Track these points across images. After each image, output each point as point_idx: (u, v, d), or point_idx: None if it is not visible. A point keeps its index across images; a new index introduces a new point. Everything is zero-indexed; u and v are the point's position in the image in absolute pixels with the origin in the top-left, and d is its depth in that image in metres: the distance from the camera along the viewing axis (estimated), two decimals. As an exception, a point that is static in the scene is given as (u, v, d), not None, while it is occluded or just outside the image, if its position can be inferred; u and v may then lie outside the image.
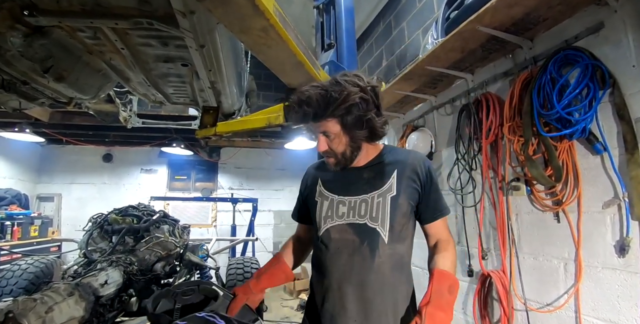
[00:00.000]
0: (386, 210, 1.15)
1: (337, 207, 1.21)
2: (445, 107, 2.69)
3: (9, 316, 1.49)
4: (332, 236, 1.19)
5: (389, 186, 1.18)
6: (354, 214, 1.18)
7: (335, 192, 1.24)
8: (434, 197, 1.21)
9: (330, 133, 1.12)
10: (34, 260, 3.09)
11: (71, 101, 2.51)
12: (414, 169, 1.20)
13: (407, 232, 1.21)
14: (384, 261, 1.14)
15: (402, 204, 1.16)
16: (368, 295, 1.12)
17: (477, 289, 2.23)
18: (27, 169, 6.42)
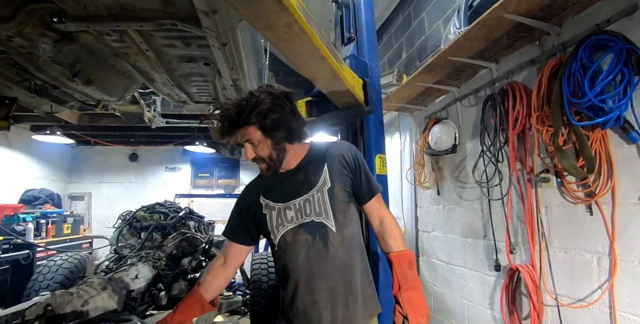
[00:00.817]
0: (326, 202, 1.24)
1: (285, 213, 1.27)
2: (468, 99, 2.63)
3: (48, 308, 1.56)
4: (287, 240, 1.26)
5: (323, 180, 1.27)
6: (302, 215, 1.25)
7: (279, 201, 1.29)
8: (365, 179, 1.31)
9: (253, 139, 1.20)
10: (68, 256, 3.22)
11: (99, 103, 2.60)
12: (340, 158, 1.30)
13: (351, 215, 1.30)
14: (337, 248, 1.23)
15: (338, 193, 1.26)
16: (331, 283, 1.21)
17: (505, 284, 2.18)
18: (59, 169, 6.69)
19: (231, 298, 2.65)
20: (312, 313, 1.21)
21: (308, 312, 1.21)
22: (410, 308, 1.15)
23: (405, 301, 1.16)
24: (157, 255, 2.29)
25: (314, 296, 1.21)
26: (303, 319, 1.23)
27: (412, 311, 1.15)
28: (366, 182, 1.31)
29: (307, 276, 1.22)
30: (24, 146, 5.77)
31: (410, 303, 1.16)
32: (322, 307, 1.20)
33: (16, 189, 5.63)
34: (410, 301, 1.16)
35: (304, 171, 1.30)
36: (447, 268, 2.95)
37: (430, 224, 3.24)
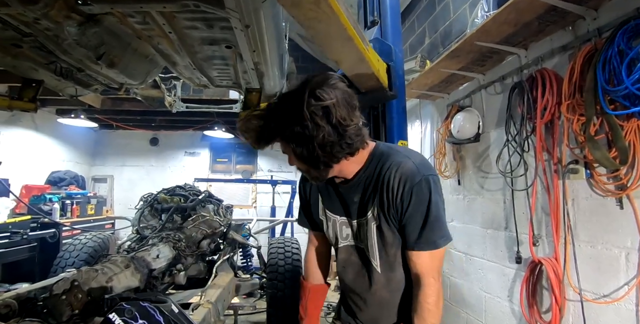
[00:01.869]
0: (373, 240, 1.12)
1: (341, 229, 1.21)
2: (494, 86, 2.54)
3: (74, 284, 1.62)
4: (340, 255, 1.24)
5: (371, 215, 1.10)
6: (355, 238, 1.18)
7: (336, 213, 1.21)
8: (416, 227, 1.04)
9: (286, 152, 1.05)
10: (92, 235, 3.33)
11: (122, 86, 2.63)
12: (392, 195, 1.04)
13: (399, 259, 1.13)
14: (379, 287, 1.16)
15: (387, 234, 1.09)
16: (371, 311, 1.20)
17: (526, 277, 2.14)
18: (83, 152, 6.88)
19: (248, 281, 2.70)
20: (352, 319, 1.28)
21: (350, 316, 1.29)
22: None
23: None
24: (177, 236, 2.34)
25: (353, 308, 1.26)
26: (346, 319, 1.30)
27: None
28: (418, 230, 1.04)
29: (352, 293, 1.24)
30: (50, 129, 5.94)
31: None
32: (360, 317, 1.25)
33: (43, 171, 5.83)
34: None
35: (357, 193, 1.12)
36: (466, 258, 2.91)
37: (449, 214, 3.19)
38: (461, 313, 2.96)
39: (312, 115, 0.91)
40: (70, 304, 1.58)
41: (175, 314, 1.18)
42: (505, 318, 2.41)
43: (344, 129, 0.94)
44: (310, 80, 0.97)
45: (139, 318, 1.11)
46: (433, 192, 1.03)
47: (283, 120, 0.96)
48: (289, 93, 1.00)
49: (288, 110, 0.95)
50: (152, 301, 1.15)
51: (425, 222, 1.03)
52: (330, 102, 0.92)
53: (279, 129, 0.98)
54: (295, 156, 1.01)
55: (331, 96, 0.93)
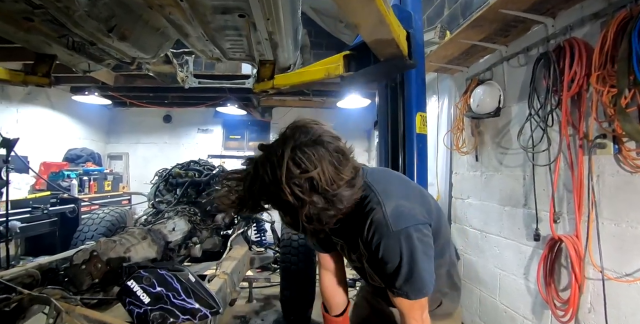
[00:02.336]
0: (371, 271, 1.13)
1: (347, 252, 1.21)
2: (518, 58, 2.42)
3: (93, 254, 1.65)
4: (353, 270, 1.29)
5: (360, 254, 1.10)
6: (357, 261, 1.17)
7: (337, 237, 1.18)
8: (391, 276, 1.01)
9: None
10: (109, 210, 3.40)
11: (134, 60, 2.60)
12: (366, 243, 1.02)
13: None
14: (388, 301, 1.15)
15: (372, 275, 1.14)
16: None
17: (544, 255, 2.10)
18: (98, 130, 6.96)
19: (263, 254, 2.74)
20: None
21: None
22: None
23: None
24: (193, 210, 2.36)
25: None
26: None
27: None
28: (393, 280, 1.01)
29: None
30: (65, 107, 6.00)
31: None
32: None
33: (60, 148, 5.93)
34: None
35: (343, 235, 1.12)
36: (481, 236, 2.88)
37: (465, 191, 3.14)
38: (474, 289, 2.96)
39: (293, 189, 0.82)
40: (90, 273, 1.62)
41: (192, 282, 1.18)
42: (520, 295, 2.39)
43: (334, 194, 0.86)
44: (289, 137, 0.87)
45: (157, 285, 1.12)
46: (405, 247, 0.96)
47: (263, 191, 0.86)
48: (267, 157, 0.87)
49: (267, 182, 0.84)
50: (170, 269, 1.16)
51: (397, 275, 0.99)
52: (315, 172, 0.82)
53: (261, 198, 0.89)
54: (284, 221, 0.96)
55: (315, 162, 0.83)
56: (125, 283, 1.12)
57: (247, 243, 2.76)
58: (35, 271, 1.78)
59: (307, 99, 5.95)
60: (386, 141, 1.85)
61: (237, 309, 3.37)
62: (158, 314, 1.13)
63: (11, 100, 5.09)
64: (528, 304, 2.32)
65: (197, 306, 1.15)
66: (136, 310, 1.13)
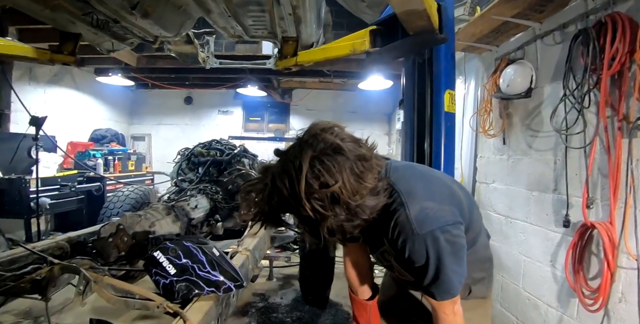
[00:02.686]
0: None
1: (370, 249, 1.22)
2: (553, 35, 2.29)
3: (119, 227, 1.68)
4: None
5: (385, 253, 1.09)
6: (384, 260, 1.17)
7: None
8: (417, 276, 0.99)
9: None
10: (134, 188, 3.48)
11: (156, 39, 2.61)
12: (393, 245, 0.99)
13: None
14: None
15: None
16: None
17: (573, 242, 2.02)
18: (122, 111, 7.10)
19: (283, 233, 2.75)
20: None
21: None
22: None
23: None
24: (214, 189, 2.38)
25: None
26: None
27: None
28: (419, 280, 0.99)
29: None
30: (90, 89, 6.12)
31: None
32: None
33: (86, 128, 6.09)
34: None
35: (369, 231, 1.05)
36: (506, 221, 2.81)
37: (490, 175, 3.05)
38: (496, 276, 2.91)
39: (314, 204, 0.79)
40: (117, 246, 1.66)
41: (216, 256, 1.19)
42: (546, 282, 2.34)
43: (357, 205, 0.82)
44: (307, 145, 0.82)
45: (183, 257, 1.13)
46: (431, 250, 0.92)
47: (283, 205, 0.83)
48: (284, 169, 0.82)
49: (287, 196, 0.81)
50: (194, 242, 1.16)
51: (424, 276, 0.96)
52: (337, 186, 0.78)
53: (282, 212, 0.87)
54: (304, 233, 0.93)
55: (336, 174, 0.79)
56: (152, 253, 1.14)
57: (267, 223, 2.78)
58: (65, 243, 1.85)
59: (328, 81, 5.87)
60: (412, 121, 1.79)
61: (257, 287, 3.44)
62: (184, 285, 1.14)
63: (39, 81, 5.22)
64: (553, 292, 2.27)
65: (222, 279, 1.16)
66: (162, 281, 1.14)
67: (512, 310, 2.71)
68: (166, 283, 1.14)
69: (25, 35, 3.89)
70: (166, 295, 1.15)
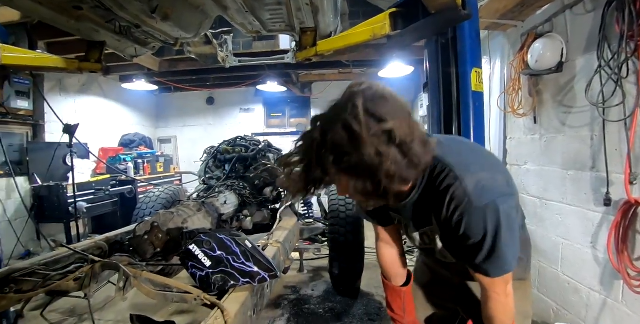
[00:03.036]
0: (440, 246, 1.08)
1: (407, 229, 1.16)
2: (583, 3, 2.16)
3: (154, 225, 1.72)
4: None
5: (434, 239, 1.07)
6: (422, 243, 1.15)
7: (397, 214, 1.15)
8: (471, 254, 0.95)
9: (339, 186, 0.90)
10: (164, 188, 3.57)
11: (177, 41, 2.68)
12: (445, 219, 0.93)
13: None
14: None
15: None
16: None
17: (616, 221, 1.93)
18: (148, 116, 7.30)
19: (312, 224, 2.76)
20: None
21: None
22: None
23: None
24: (242, 184, 2.41)
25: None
26: None
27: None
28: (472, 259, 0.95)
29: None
30: (116, 96, 6.33)
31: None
32: None
33: (115, 134, 6.31)
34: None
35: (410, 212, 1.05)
36: (540, 203, 2.71)
37: (522, 156, 2.94)
38: (532, 260, 2.82)
39: (374, 142, 0.75)
40: (152, 243, 1.70)
41: (249, 247, 1.20)
42: (587, 265, 2.24)
43: (409, 147, 0.78)
44: (356, 93, 0.79)
45: (217, 249, 1.15)
46: (490, 223, 0.88)
47: (335, 152, 0.78)
48: (333, 118, 0.80)
49: (340, 141, 0.77)
50: (227, 234, 1.18)
51: (478, 252, 0.92)
52: (392, 122, 0.76)
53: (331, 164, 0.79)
54: (354, 191, 0.83)
55: (391, 113, 0.77)
56: (187, 247, 1.16)
57: (295, 215, 2.80)
58: (104, 243, 1.92)
59: (347, 72, 5.81)
60: (439, 103, 1.73)
61: (288, 280, 3.48)
62: (219, 276, 1.16)
63: (68, 92, 5.43)
64: (596, 275, 2.17)
65: (257, 270, 1.17)
66: (198, 273, 1.17)
67: (550, 295, 2.61)
68: (202, 275, 1.16)
69: (54, 49, 4.05)
70: (203, 287, 1.18)
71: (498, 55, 3.18)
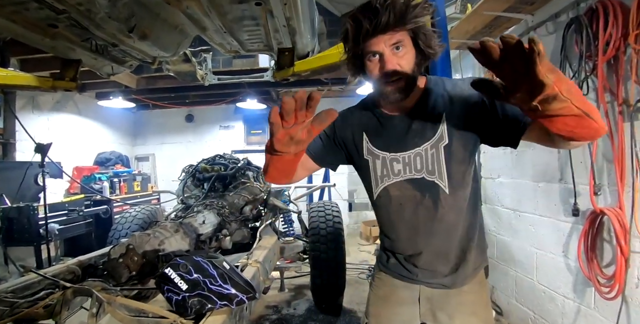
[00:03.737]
0: (441, 161, 1.07)
1: (392, 165, 1.13)
2: (545, 26, 2.30)
3: (129, 247, 1.68)
4: (392, 193, 1.14)
5: (439, 135, 1.07)
6: (410, 170, 1.11)
7: (385, 150, 1.14)
8: (506, 106, 0.98)
9: (402, 45, 0.98)
10: (140, 208, 3.49)
11: (155, 60, 2.66)
12: (465, 102, 1.04)
13: (468, 178, 1.12)
14: (447, 210, 1.10)
15: (456, 151, 1.07)
16: (435, 242, 1.13)
17: (584, 230, 2.01)
18: (125, 133, 7.16)
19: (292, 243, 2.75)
20: (409, 267, 1.19)
21: (406, 265, 1.19)
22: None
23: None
24: (221, 203, 2.38)
25: (414, 252, 1.16)
26: (402, 271, 1.21)
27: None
28: (511, 112, 0.97)
29: (411, 231, 1.15)
30: (92, 113, 6.20)
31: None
32: (422, 264, 1.16)
33: (90, 152, 6.14)
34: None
35: (418, 120, 1.09)
36: (514, 215, 2.79)
37: (495, 169, 3.04)
38: (510, 271, 2.88)
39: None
40: (128, 266, 1.65)
41: (227, 269, 1.19)
42: (560, 274, 2.31)
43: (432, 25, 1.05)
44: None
45: (194, 272, 1.13)
46: None
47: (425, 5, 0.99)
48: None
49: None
50: (204, 256, 1.16)
51: (494, 111, 1.02)
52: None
53: (423, 11, 0.98)
54: (413, 43, 1.01)
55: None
56: (163, 270, 1.14)
57: (275, 234, 2.78)
58: (76, 267, 1.85)
59: (326, 89, 5.90)
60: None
61: (269, 299, 3.42)
62: (196, 300, 1.13)
63: (42, 109, 5.30)
64: (569, 283, 2.24)
65: (234, 292, 1.15)
66: (175, 297, 1.14)
67: (528, 304, 2.67)
68: (179, 299, 1.14)
69: (27, 65, 3.97)
70: (179, 311, 1.15)
71: (470, 73, 3.32)
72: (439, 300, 1.19)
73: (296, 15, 1.86)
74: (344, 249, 2.85)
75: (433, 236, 1.12)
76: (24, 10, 1.78)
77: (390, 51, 0.98)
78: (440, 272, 1.16)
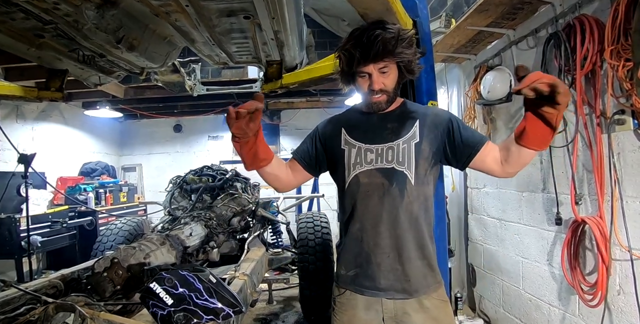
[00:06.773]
0: (411, 155, 1.21)
1: (365, 154, 1.24)
2: (526, 41, 2.38)
3: (114, 261, 1.65)
4: (362, 180, 1.24)
5: (412, 134, 1.23)
6: (382, 160, 1.22)
7: (361, 141, 1.27)
8: (468, 132, 1.23)
9: (388, 69, 1.17)
10: (126, 220, 3.43)
11: (143, 70, 2.64)
12: (435, 119, 1.25)
13: (431, 177, 1.25)
14: (412, 200, 1.20)
15: (424, 149, 1.22)
16: (399, 232, 1.19)
17: (567, 239, 2.05)
18: (111, 143, 7.07)
19: (280, 254, 2.73)
20: (373, 256, 1.21)
21: (370, 255, 1.21)
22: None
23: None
24: (208, 215, 2.36)
25: (378, 240, 1.20)
26: (364, 261, 1.22)
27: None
28: (471, 134, 1.23)
29: (376, 220, 1.20)
30: (78, 123, 6.12)
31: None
32: (384, 253, 1.20)
33: (75, 163, 6.04)
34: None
35: (394, 121, 1.27)
36: (500, 224, 2.83)
37: (480, 179, 3.09)
38: (496, 280, 2.91)
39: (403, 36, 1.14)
40: (112, 280, 1.63)
41: (213, 283, 1.18)
42: (545, 282, 2.34)
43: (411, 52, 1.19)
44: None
45: (179, 286, 1.12)
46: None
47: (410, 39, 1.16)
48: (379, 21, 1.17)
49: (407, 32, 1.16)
50: (191, 270, 1.15)
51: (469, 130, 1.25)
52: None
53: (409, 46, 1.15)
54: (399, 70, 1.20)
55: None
56: (148, 285, 1.12)
57: (264, 245, 2.76)
58: (58, 281, 1.81)
59: (315, 100, 5.94)
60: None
61: (258, 312, 3.38)
62: (182, 315, 1.12)
63: (26, 119, 5.21)
64: (554, 291, 2.27)
65: (220, 306, 1.14)
66: (160, 312, 1.13)
67: (515, 313, 2.69)
68: (164, 314, 1.12)
69: (12, 74, 3.91)
70: (165, 326, 1.13)
71: (455, 85, 3.39)
72: (402, 320, 1.19)
73: (284, 29, 1.88)
74: (333, 260, 2.84)
75: (396, 225, 1.19)
76: (10, 19, 1.76)
77: (378, 73, 1.17)
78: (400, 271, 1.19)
